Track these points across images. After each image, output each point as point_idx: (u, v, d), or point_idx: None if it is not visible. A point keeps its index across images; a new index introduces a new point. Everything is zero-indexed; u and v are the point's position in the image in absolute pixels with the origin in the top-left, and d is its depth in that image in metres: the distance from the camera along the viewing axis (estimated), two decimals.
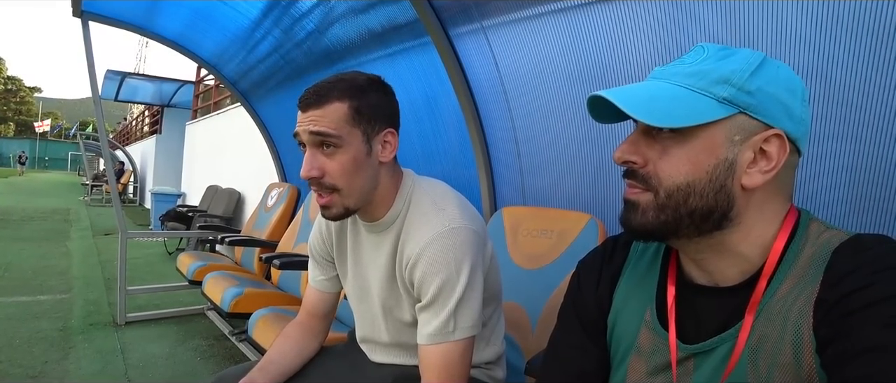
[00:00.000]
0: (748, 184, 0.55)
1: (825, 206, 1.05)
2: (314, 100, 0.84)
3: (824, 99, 1.01)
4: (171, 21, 2.96)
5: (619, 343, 0.68)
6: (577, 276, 0.75)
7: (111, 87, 9.43)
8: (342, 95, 0.84)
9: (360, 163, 0.86)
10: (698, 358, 0.60)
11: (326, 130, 0.83)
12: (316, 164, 0.84)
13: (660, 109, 0.54)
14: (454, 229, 0.86)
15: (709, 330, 0.59)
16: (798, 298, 0.53)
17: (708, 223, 0.56)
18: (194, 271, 2.71)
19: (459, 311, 0.85)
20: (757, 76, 0.54)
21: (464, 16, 1.73)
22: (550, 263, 1.47)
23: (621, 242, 0.73)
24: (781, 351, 0.53)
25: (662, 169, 0.57)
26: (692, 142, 0.55)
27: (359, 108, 0.85)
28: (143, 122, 14.29)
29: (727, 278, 0.60)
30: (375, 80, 0.90)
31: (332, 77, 0.87)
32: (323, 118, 0.83)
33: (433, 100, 2.04)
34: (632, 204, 0.60)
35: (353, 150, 0.85)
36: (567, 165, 1.64)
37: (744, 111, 0.54)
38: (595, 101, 0.59)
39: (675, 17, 1.21)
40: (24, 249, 5.25)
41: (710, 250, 0.59)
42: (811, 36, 1.00)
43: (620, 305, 0.69)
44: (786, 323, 0.53)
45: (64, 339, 2.68)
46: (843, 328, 0.48)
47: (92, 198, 12.60)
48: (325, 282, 1.11)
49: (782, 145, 0.55)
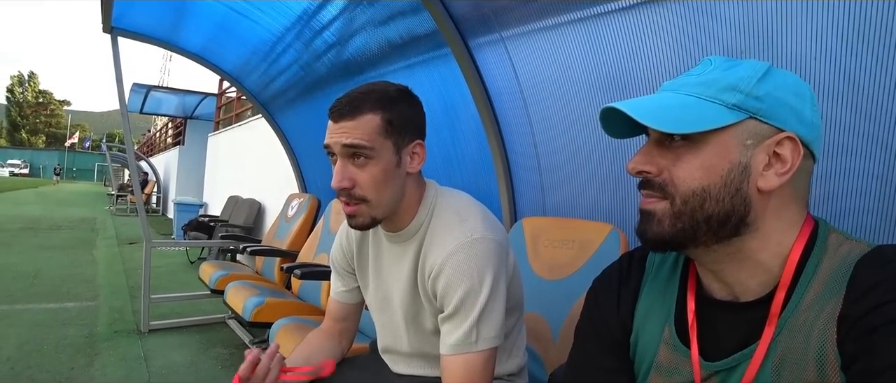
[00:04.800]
0: (764, 186, 0.55)
1: (854, 218, 1.02)
2: (347, 111, 0.84)
3: (852, 108, 0.98)
4: (194, 35, 3.05)
5: (641, 362, 0.67)
6: (595, 296, 0.74)
7: (137, 100, 9.68)
8: (375, 106, 0.84)
9: (390, 175, 0.86)
10: (722, 375, 0.58)
11: (360, 142, 0.83)
12: (347, 175, 0.84)
13: (670, 117, 0.55)
14: (477, 240, 0.86)
15: (730, 347, 0.58)
16: (821, 313, 0.52)
17: (725, 229, 0.56)
18: (216, 280, 2.75)
19: (482, 322, 0.84)
20: (764, 82, 0.55)
21: (483, 26, 1.74)
22: (572, 274, 1.45)
23: (637, 258, 0.72)
24: (805, 367, 0.52)
25: (677, 175, 0.57)
26: (704, 149, 0.55)
27: (391, 120, 0.85)
28: (166, 134, 14.62)
29: (748, 290, 0.58)
30: (405, 91, 0.91)
31: (363, 87, 0.87)
32: (356, 129, 0.83)
33: (452, 110, 2.05)
34: (648, 214, 0.60)
35: (383, 162, 0.85)
36: (587, 175, 1.63)
37: (754, 116, 0.55)
38: (607, 115, 0.61)
39: (696, 25, 1.20)
40: (52, 257, 5.40)
41: (729, 259, 0.58)
42: (836, 42, 0.97)
43: (641, 324, 0.68)
44: (809, 338, 0.52)
45: (90, 346, 2.73)
46: (869, 344, 0.47)
47: (117, 207, 12.91)
48: (346, 294, 1.11)
49: (795, 148, 0.55)
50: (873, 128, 0.96)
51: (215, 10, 2.63)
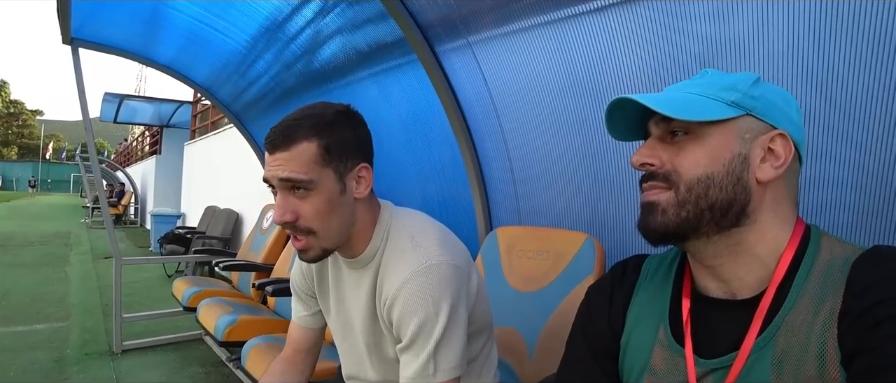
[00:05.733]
0: (762, 177, 0.58)
1: (832, 216, 1.01)
2: (281, 142, 0.79)
3: (826, 107, 0.97)
4: (164, 47, 2.95)
5: (632, 366, 0.67)
6: (587, 303, 0.74)
7: (110, 110, 9.46)
8: (309, 134, 0.80)
9: (334, 204, 0.82)
10: (717, 374, 0.58)
11: (296, 176, 0.78)
12: (289, 208, 0.80)
13: (680, 107, 0.59)
14: (431, 266, 0.82)
15: (725, 345, 0.58)
16: (820, 310, 0.54)
17: (727, 218, 0.58)
18: (189, 297, 2.67)
19: (440, 353, 0.80)
20: (757, 86, 0.60)
21: (450, 32, 1.70)
22: (547, 286, 1.42)
23: (631, 264, 0.73)
24: (805, 364, 0.53)
25: (681, 164, 0.59)
26: (707, 140, 0.59)
27: (328, 147, 0.81)
28: (143, 143, 14.33)
29: (744, 286, 0.59)
30: (343, 111, 0.85)
31: (298, 112, 0.82)
32: (291, 161, 0.79)
33: (423, 118, 2.01)
34: (651, 205, 0.61)
35: (326, 191, 0.81)
36: (561, 183, 1.60)
37: (750, 113, 0.59)
38: (612, 117, 0.63)
39: (667, 27, 1.18)
40: (22, 276, 5.22)
41: (729, 252, 0.60)
42: (808, 42, 0.96)
43: (633, 325, 0.68)
44: (809, 335, 0.53)
45: (59, 371, 2.64)
46: (870, 340, 0.48)
47: (93, 220, 12.59)
48: (308, 318, 1.07)
49: (787, 144, 0.58)
50: (847, 125, 0.96)
51: (184, 21, 2.55)
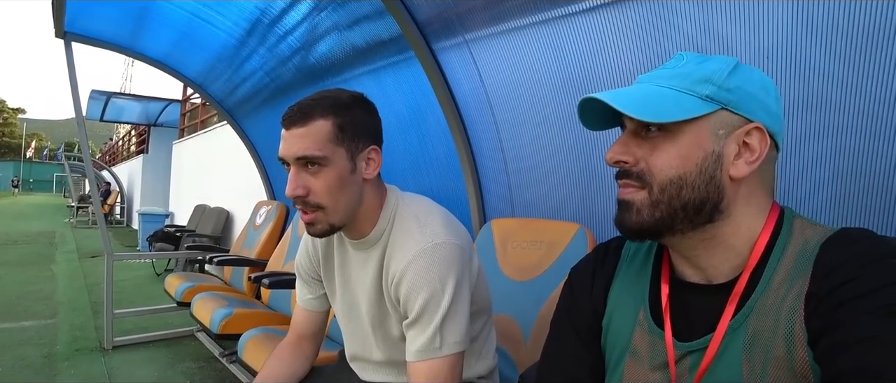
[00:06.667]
0: (736, 174, 0.58)
1: (811, 205, 1.06)
2: (298, 118, 0.84)
3: (804, 99, 1.03)
4: (156, 41, 2.95)
5: (614, 345, 0.69)
6: (570, 283, 0.76)
7: (96, 108, 9.33)
8: (326, 113, 0.84)
9: (344, 181, 0.86)
10: (694, 356, 0.60)
11: (311, 152, 0.83)
12: (300, 183, 0.84)
13: (650, 107, 0.57)
14: (437, 245, 0.86)
15: (702, 328, 0.60)
16: (789, 292, 0.55)
17: (700, 216, 0.58)
18: (182, 292, 2.67)
19: (446, 327, 0.84)
20: (734, 76, 0.58)
21: (447, 30, 1.74)
22: (541, 274, 1.47)
23: (613, 247, 0.74)
24: (774, 345, 0.54)
25: (654, 164, 0.59)
26: (680, 138, 0.58)
27: (342, 126, 0.85)
28: (130, 142, 14.15)
29: (720, 273, 0.61)
30: (358, 97, 0.90)
31: (316, 94, 0.87)
32: (307, 137, 0.83)
33: (419, 113, 2.05)
34: (626, 204, 0.61)
35: (337, 169, 0.85)
36: (553, 175, 1.65)
37: (725, 107, 0.57)
38: (585, 107, 0.62)
39: (656, 25, 1.23)
40: (7, 274, 5.14)
41: (704, 245, 0.61)
42: (787, 39, 1.02)
43: (614, 306, 0.70)
44: (778, 317, 0.54)
45: (49, 366, 2.61)
46: (834, 320, 0.50)
47: (78, 219, 12.40)
48: (313, 301, 1.10)
49: (763, 138, 0.58)
50: (824, 118, 1.01)
51: (177, 15, 2.55)
